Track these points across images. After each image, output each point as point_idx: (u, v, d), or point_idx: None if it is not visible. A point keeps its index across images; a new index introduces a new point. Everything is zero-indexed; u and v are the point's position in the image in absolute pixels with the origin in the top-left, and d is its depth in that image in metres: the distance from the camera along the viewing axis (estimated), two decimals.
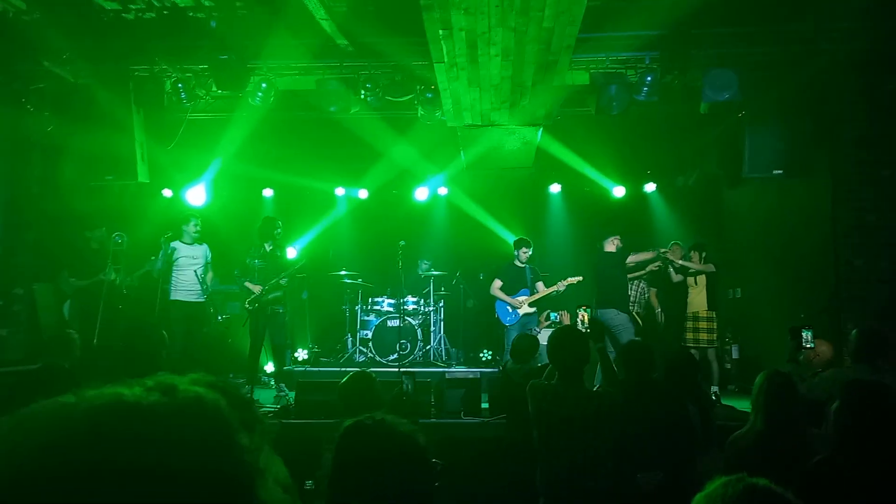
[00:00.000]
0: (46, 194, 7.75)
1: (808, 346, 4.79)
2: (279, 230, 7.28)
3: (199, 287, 7.20)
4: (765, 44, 6.36)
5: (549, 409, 3.50)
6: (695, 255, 7.93)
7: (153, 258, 7.29)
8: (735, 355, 8.39)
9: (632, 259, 7.57)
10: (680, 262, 7.91)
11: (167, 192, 9.20)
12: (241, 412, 0.55)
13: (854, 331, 4.27)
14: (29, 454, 0.46)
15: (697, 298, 7.81)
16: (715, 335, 7.67)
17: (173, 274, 7.17)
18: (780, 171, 6.46)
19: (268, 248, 7.23)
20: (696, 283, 7.89)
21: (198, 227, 7.31)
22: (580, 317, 4.56)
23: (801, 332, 4.68)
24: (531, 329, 7.79)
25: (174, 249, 7.18)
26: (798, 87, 6.32)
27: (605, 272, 7.34)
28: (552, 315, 8.46)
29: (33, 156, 7.79)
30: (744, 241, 8.83)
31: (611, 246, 7.54)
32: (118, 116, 6.95)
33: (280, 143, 8.63)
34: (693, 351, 7.45)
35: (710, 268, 7.76)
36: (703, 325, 7.69)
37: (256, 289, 7.03)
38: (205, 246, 7.42)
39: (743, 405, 5.68)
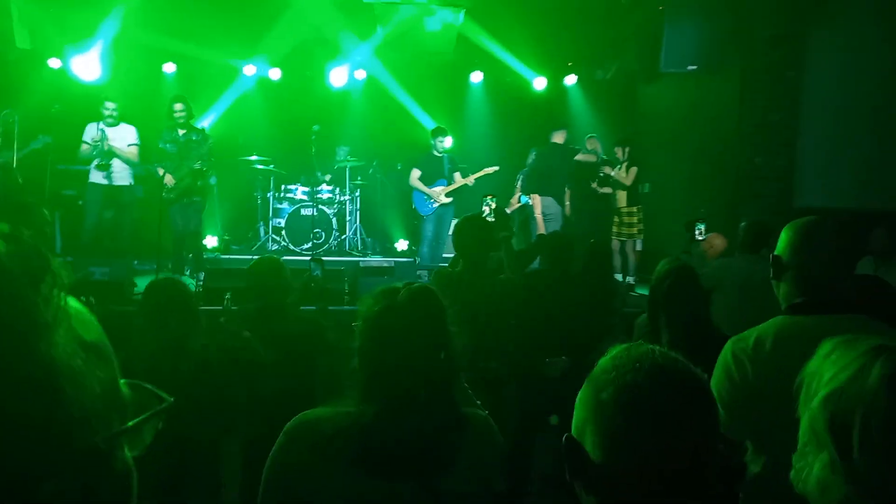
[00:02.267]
0: None
1: (701, 238, 5.06)
2: (180, 113, 6.78)
3: (126, 170, 6.89)
4: None
5: (454, 295, 3.56)
6: (619, 150, 8.08)
7: (41, 136, 6.75)
8: (639, 248, 8.80)
9: (579, 157, 7.78)
10: (613, 174, 8.02)
11: (55, 63, 8.32)
12: (30, 262, 0.50)
13: (742, 223, 4.51)
14: None
15: (621, 195, 8.08)
16: (635, 229, 8.02)
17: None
18: (694, 67, 6.53)
19: (180, 132, 6.80)
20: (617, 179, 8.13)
21: (113, 112, 6.82)
22: (487, 206, 4.59)
23: (695, 225, 4.92)
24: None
25: (101, 133, 6.71)
26: None
27: (549, 162, 7.52)
28: (522, 198, 8.42)
29: None
30: (656, 137, 9.03)
31: (558, 138, 7.72)
32: None
33: (181, 10, 7.86)
34: (615, 242, 7.88)
35: (632, 177, 7.94)
36: (625, 219, 8.01)
37: (169, 179, 6.66)
38: (132, 127, 6.97)
39: (644, 292, 6.02)
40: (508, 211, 7.62)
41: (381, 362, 1.50)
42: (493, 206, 4.60)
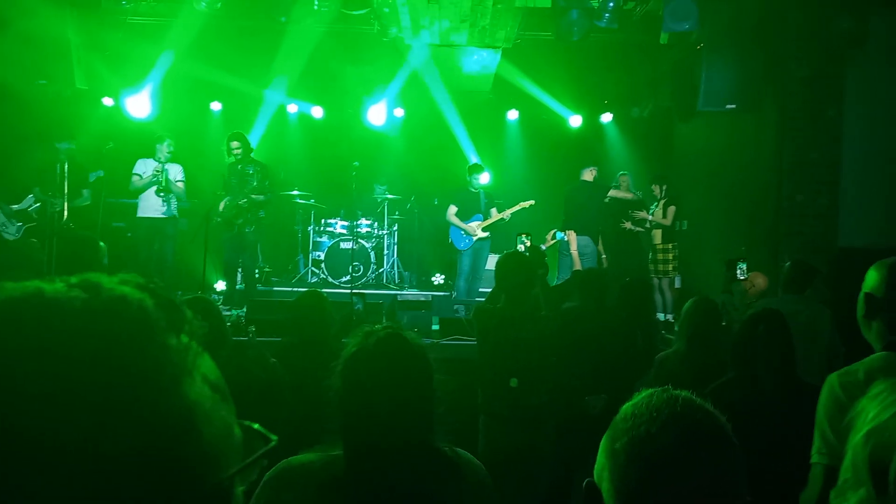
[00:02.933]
0: None
1: (742, 277, 5.01)
2: (237, 150, 7.18)
3: (166, 204, 7.27)
4: None
5: (495, 330, 3.60)
6: (656, 187, 8.08)
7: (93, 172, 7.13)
8: (677, 285, 8.72)
9: (613, 194, 7.80)
10: (650, 218, 8.01)
11: (108, 101, 8.72)
12: (169, 313, 0.54)
13: (787, 263, 4.47)
14: None
15: (656, 231, 8.06)
16: (671, 266, 7.97)
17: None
18: (732, 106, 6.53)
19: (238, 166, 7.24)
20: (655, 220, 8.11)
21: (171, 148, 7.26)
22: (522, 245, 4.65)
23: (736, 264, 4.88)
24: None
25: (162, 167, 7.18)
26: (754, 21, 6.31)
27: (578, 200, 7.61)
28: (558, 234, 8.48)
29: None
30: (693, 174, 9.01)
31: (588, 175, 7.80)
32: (48, 15, 6.47)
33: (228, 54, 8.21)
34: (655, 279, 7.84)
35: (671, 216, 7.91)
36: (659, 256, 7.97)
37: (221, 206, 7.07)
38: (179, 166, 7.42)
39: None
40: (543, 247, 7.65)
41: (350, 406, 1.45)
42: (528, 243, 4.65)
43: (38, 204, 7.26)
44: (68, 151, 7.03)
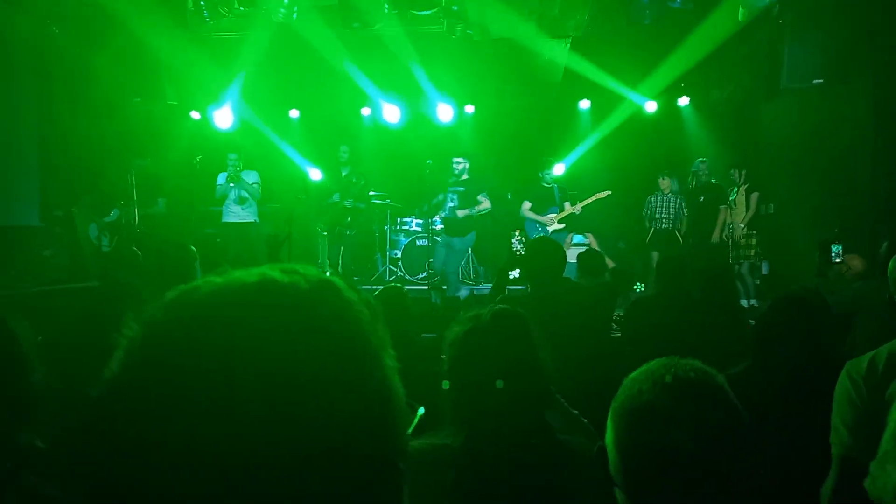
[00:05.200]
0: (76, 117, 7.84)
1: (838, 260, 4.75)
2: (344, 154, 7.85)
3: (247, 208, 7.72)
4: None
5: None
6: (735, 172, 7.80)
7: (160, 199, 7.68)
8: (765, 271, 8.35)
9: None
10: (742, 216, 7.73)
11: (195, 115, 9.22)
12: (370, 307, 0.60)
13: (884, 244, 4.21)
14: (205, 322, 0.51)
15: (738, 218, 7.78)
16: (752, 251, 7.68)
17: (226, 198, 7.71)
18: (820, 80, 6.20)
19: (344, 172, 7.84)
20: (735, 205, 7.82)
21: (237, 163, 7.69)
22: (517, 241, 4.63)
23: (831, 246, 4.62)
24: None
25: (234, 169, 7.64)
26: None
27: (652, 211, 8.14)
28: (576, 237, 8.49)
29: (60, 78, 7.80)
30: (779, 155, 8.60)
31: (663, 185, 8.08)
32: (142, 37, 6.91)
33: (302, 62, 8.51)
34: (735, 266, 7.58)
35: (753, 203, 7.63)
36: (742, 241, 7.70)
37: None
38: (254, 172, 7.88)
39: None
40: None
41: (467, 384, 1.47)
42: (522, 240, 4.64)
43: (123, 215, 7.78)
44: (140, 164, 7.55)
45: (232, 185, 7.60)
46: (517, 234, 5.03)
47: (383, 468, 0.54)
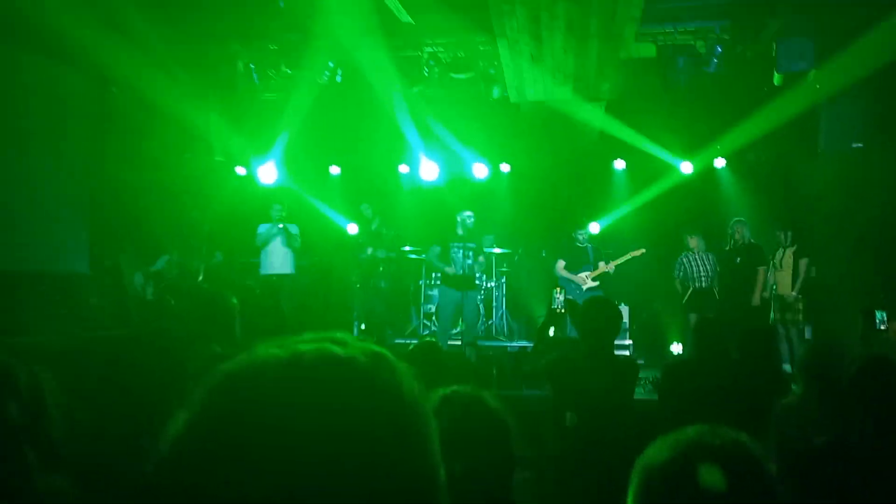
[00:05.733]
0: (129, 169, 8.20)
1: (883, 327, 4.63)
2: (366, 211, 8.08)
3: (288, 260, 7.90)
4: (842, 7, 6.04)
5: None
6: (781, 234, 7.72)
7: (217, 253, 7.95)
8: (808, 335, 8.13)
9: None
10: (788, 279, 7.60)
11: (241, 170, 9.57)
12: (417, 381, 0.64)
13: None
14: (269, 398, 0.53)
15: (784, 280, 7.64)
16: (799, 316, 7.50)
17: (265, 250, 7.86)
18: (859, 145, 6.17)
19: (374, 226, 8.10)
20: (781, 266, 7.71)
21: (281, 212, 7.93)
22: (556, 297, 4.61)
23: (875, 312, 4.52)
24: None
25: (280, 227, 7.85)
26: (877, 53, 5.97)
27: (682, 271, 8.11)
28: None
29: (115, 131, 8.19)
30: (819, 217, 8.49)
31: (692, 243, 8.01)
32: (194, 96, 7.28)
33: (344, 122, 8.82)
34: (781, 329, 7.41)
35: (803, 268, 7.50)
36: (788, 304, 7.55)
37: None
38: (295, 225, 8.07)
39: None
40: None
41: None
42: (561, 298, 4.61)
43: (171, 265, 8.00)
44: (194, 216, 7.81)
45: (277, 227, 7.80)
46: (558, 291, 5.01)
47: None
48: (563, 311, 4.36)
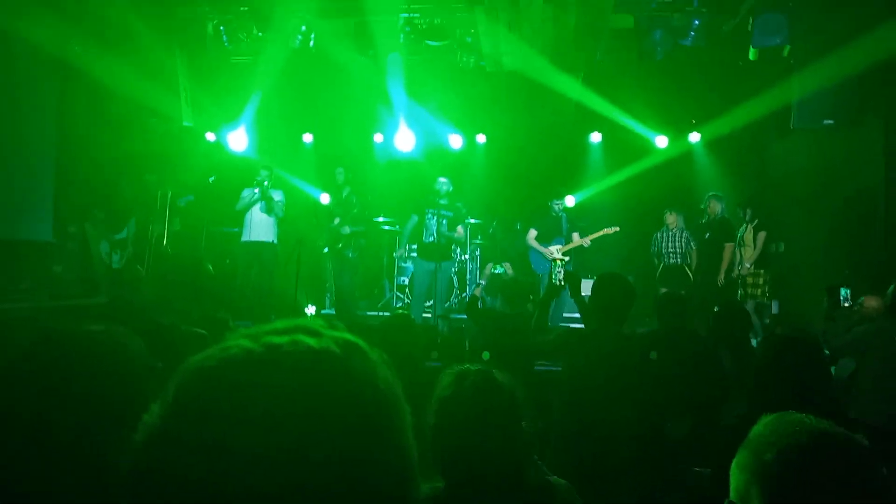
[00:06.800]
0: (94, 134, 7.94)
1: (847, 304, 4.70)
2: (340, 176, 7.85)
3: (270, 228, 7.61)
4: None
5: (583, 352, 3.55)
6: (741, 210, 7.79)
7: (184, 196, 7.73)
8: (774, 310, 8.28)
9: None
10: (750, 254, 7.69)
11: (210, 136, 9.34)
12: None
13: (892, 286, 4.17)
14: (246, 387, 0.53)
15: (747, 255, 7.74)
16: (759, 290, 7.61)
17: (246, 216, 7.57)
18: (830, 122, 6.22)
19: (344, 193, 7.85)
20: (744, 242, 7.80)
21: (264, 178, 7.60)
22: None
23: (839, 289, 4.58)
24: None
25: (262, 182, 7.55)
26: (850, 30, 5.99)
27: (656, 247, 8.07)
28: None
29: (80, 95, 7.91)
30: (789, 193, 8.60)
31: (669, 220, 8.00)
32: (161, 59, 7.05)
33: (316, 88, 8.62)
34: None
35: (760, 242, 7.59)
36: (749, 279, 7.65)
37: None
38: (279, 190, 7.79)
39: None
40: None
41: (448, 445, 1.57)
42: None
43: (134, 232, 7.79)
44: (148, 180, 7.60)
45: (254, 193, 7.50)
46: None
47: None
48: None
